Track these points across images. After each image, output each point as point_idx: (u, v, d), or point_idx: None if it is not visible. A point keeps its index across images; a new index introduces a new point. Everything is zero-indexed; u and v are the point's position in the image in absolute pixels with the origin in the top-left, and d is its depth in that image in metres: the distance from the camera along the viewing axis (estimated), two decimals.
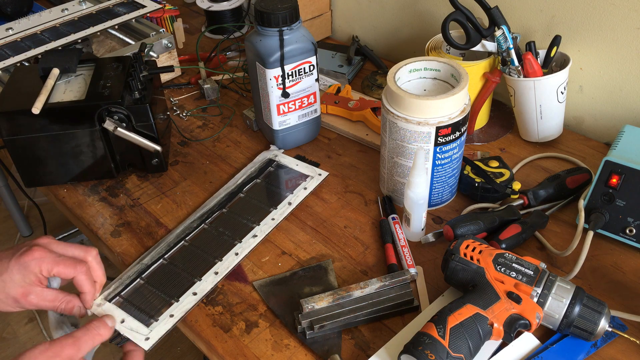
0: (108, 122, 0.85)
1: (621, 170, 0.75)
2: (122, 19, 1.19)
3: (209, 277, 0.76)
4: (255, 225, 0.83)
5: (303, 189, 0.89)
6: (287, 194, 0.88)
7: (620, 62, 0.91)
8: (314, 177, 0.91)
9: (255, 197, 0.88)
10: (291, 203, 0.87)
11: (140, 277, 0.77)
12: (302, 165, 0.94)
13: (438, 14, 1.11)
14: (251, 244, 0.81)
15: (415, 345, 0.60)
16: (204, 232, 0.83)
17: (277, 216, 0.85)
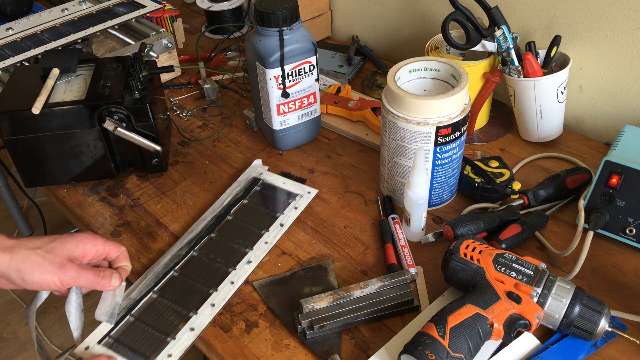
0: (108, 122, 0.85)
1: (621, 170, 0.75)
2: (122, 19, 1.19)
3: (206, 310, 0.71)
4: (249, 250, 0.79)
5: (294, 208, 0.85)
6: (278, 215, 0.84)
7: (620, 62, 0.91)
8: (303, 195, 0.87)
9: (244, 220, 0.84)
10: (283, 224, 0.83)
11: (130, 314, 0.71)
12: (289, 183, 0.90)
13: (438, 14, 1.11)
14: (247, 271, 0.77)
15: (415, 345, 0.60)
16: (194, 260, 0.78)
17: (270, 239, 0.81)
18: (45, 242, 0.63)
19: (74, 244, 0.64)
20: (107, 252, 0.68)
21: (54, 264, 0.62)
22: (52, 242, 0.63)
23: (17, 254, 0.61)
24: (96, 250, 0.66)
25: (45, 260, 0.61)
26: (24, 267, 0.60)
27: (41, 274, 0.61)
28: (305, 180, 0.91)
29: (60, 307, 1.76)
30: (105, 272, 0.66)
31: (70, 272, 0.63)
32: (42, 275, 0.61)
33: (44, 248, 0.62)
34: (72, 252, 0.64)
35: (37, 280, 0.61)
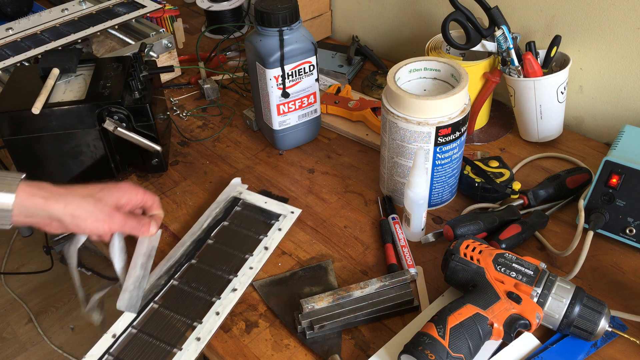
0: (108, 122, 0.85)
1: (621, 170, 0.75)
2: (122, 19, 1.19)
3: (191, 345, 0.67)
4: (233, 277, 0.75)
5: (277, 230, 0.81)
6: (262, 237, 0.80)
7: (620, 62, 0.91)
8: (287, 215, 0.83)
9: (226, 243, 0.79)
10: (268, 247, 0.79)
11: (109, 353, 0.67)
12: (271, 203, 0.86)
13: (438, 14, 1.11)
14: (232, 300, 0.72)
15: (415, 345, 0.60)
16: (175, 290, 0.74)
17: (255, 264, 0.77)
18: (94, 190, 0.68)
19: (120, 193, 0.70)
20: (145, 200, 0.74)
21: (104, 212, 0.67)
22: (100, 190, 0.69)
23: (71, 202, 0.66)
24: (137, 199, 0.73)
25: (96, 209, 0.67)
26: (79, 213, 0.66)
27: (94, 222, 0.67)
28: (287, 199, 0.88)
29: (60, 307, 1.76)
30: (145, 219, 0.73)
31: (117, 220, 0.69)
32: (94, 223, 0.67)
33: (94, 196, 0.67)
34: (118, 201, 0.70)
35: (90, 227, 0.67)
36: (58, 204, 0.65)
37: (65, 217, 0.65)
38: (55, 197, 0.65)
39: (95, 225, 0.67)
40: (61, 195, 0.66)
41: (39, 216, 0.65)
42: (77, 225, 0.67)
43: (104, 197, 0.68)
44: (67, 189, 0.67)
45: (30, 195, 0.64)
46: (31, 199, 0.64)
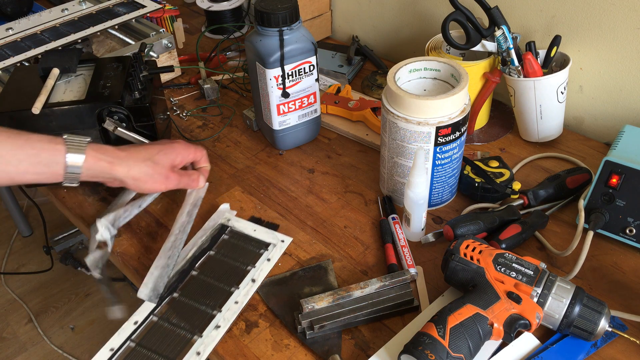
0: (108, 122, 0.85)
1: (621, 170, 0.75)
2: (122, 19, 1.19)
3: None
4: (217, 312, 0.70)
5: (266, 260, 0.78)
6: (249, 269, 0.76)
7: (620, 62, 0.91)
8: (277, 244, 0.80)
9: (211, 275, 0.75)
10: (255, 280, 0.75)
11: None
12: (260, 231, 0.82)
13: (438, 14, 1.11)
14: (215, 338, 0.68)
15: (415, 345, 0.60)
16: (155, 327, 0.69)
17: (240, 297, 0.73)
18: (151, 153, 0.76)
19: (175, 154, 0.78)
20: (195, 157, 0.82)
21: (161, 174, 0.76)
22: (157, 153, 0.76)
23: (133, 166, 0.73)
24: (189, 157, 0.81)
25: (155, 172, 0.75)
26: (139, 176, 0.74)
27: (153, 184, 0.76)
28: (278, 226, 0.84)
29: (60, 307, 1.76)
30: (194, 175, 0.82)
31: (173, 180, 0.78)
32: (153, 185, 0.76)
33: (152, 159, 0.75)
34: (173, 161, 0.78)
35: (149, 188, 0.77)
36: (122, 168, 0.72)
37: (128, 179, 0.74)
38: (119, 161, 0.72)
39: (153, 187, 0.76)
40: (124, 160, 0.73)
41: (104, 177, 0.73)
42: (138, 187, 0.76)
43: (161, 159, 0.76)
44: (129, 153, 0.74)
45: (96, 160, 0.70)
46: (97, 163, 0.71)
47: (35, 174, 0.68)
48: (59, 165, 0.69)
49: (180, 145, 0.80)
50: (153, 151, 0.76)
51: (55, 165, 0.68)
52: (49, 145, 0.68)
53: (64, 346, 1.65)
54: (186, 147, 0.80)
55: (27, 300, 1.78)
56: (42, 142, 0.68)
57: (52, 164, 0.68)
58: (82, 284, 1.83)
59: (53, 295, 1.80)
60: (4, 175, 0.67)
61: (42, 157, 0.68)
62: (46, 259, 1.82)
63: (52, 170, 0.69)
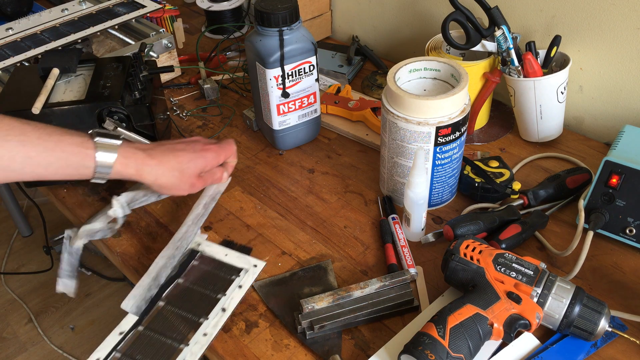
0: (108, 122, 0.85)
1: (621, 170, 0.75)
2: (122, 19, 1.19)
3: None
4: (184, 346, 0.67)
5: (237, 287, 0.74)
6: (220, 297, 0.72)
7: (620, 62, 0.91)
8: (249, 269, 0.76)
9: (179, 304, 0.71)
10: (225, 309, 0.71)
11: None
12: (232, 255, 0.78)
13: (438, 14, 1.11)
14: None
15: (415, 345, 0.60)
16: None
17: (209, 329, 0.69)
18: (182, 162, 0.75)
19: (204, 164, 0.77)
20: (225, 159, 0.81)
21: (187, 183, 0.76)
22: (187, 163, 0.75)
23: (161, 176, 0.73)
24: (218, 163, 0.80)
25: (181, 182, 0.75)
26: (165, 185, 0.74)
27: (177, 191, 0.76)
28: (251, 249, 0.81)
29: (60, 307, 1.76)
30: (217, 173, 0.81)
31: (198, 187, 0.78)
32: (178, 192, 0.76)
33: (180, 170, 0.74)
34: (202, 170, 0.77)
35: (173, 194, 0.77)
36: (149, 177, 0.73)
37: (154, 186, 0.74)
38: (148, 170, 0.72)
39: (177, 193, 0.76)
40: (152, 168, 0.72)
41: (130, 179, 0.73)
42: (162, 192, 0.77)
43: (190, 169, 0.75)
44: (159, 161, 0.73)
45: (124, 167, 0.70)
46: (126, 169, 0.71)
47: (65, 175, 0.68)
48: (88, 170, 0.69)
49: (212, 154, 0.78)
50: (184, 160, 0.75)
51: (84, 169, 0.69)
52: (79, 150, 0.68)
53: (64, 346, 1.65)
54: (217, 155, 0.78)
55: (27, 300, 1.78)
56: (72, 146, 0.67)
57: (81, 168, 0.68)
58: (82, 284, 1.82)
59: (53, 295, 1.80)
60: (33, 175, 0.67)
61: (72, 160, 0.68)
62: (46, 259, 1.82)
63: (81, 172, 0.69)
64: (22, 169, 0.65)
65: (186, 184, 0.75)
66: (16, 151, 0.64)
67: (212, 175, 0.80)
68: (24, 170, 0.65)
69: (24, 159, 0.64)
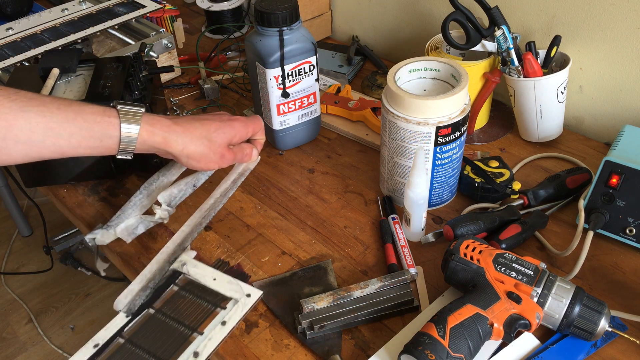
0: None
1: (621, 170, 0.75)
2: (122, 19, 1.19)
3: None
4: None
5: (220, 324, 0.61)
6: (196, 335, 0.60)
7: (620, 62, 0.91)
8: (239, 300, 0.65)
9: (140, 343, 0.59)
10: (198, 354, 0.59)
11: None
12: (221, 280, 0.67)
13: (438, 14, 1.11)
14: None
15: (415, 345, 0.60)
16: None
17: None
18: (209, 130, 0.71)
19: (232, 133, 0.74)
20: (253, 133, 0.78)
21: (217, 154, 0.72)
22: (215, 131, 0.72)
23: (188, 144, 0.69)
24: (248, 135, 0.77)
25: (210, 151, 0.71)
26: (194, 155, 0.71)
27: (207, 163, 0.72)
28: (248, 277, 0.73)
29: (60, 307, 1.76)
30: (248, 149, 0.78)
31: (227, 159, 0.74)
32: (207, 164, 0.73)
33: (208, 138, 0.71)
34: (230, 140, 0.74)
35: (202, 167, 0.73)
36: (176, 145, 0.69)
37: (181, 156, 0.70)
38: (175, 137, 0.69)
39: (207, 165, 0.73)
40: (180, 135, 0.69)
41: (158, 150, 0.70)
42: (190, 164, 0.72)
43: (218, 138, 0.72)
44: (185, 128, 0.70)
45: (151, 134, 0.67)
46: (152, 138, 0.67)
47: (88, 147, 0.65)
48: (113, 140, 0.65)
49: (240, 124, 0.75)
50: (211, 128, 0.72)
51: (108, 139, 0.65)
52: (102, 118, 0.65)
53: (64, 346, 1.65)
54: (245, 125, 0.76)
55: (27, 300, 1.78)
56: (94, 115, 0.64)
57: (105, 138, 0.65)
58: (82, 284, 1.83)
59: (53, 295, 1.80)
60: (55, 148, 0.63)
61: (95, 130, 0.64)
62: (46, 259, 1.82)
63: (105, 144, 0.66)
64: (43, 142, 0.62)
65: (216, 154, 0.72)
66: (36, 122, 0.61)
67: (241, 150, 0.77)
68: (45, 143, 0.62)
69: (45, 130, 0.61)
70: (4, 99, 0.60)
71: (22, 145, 0.61)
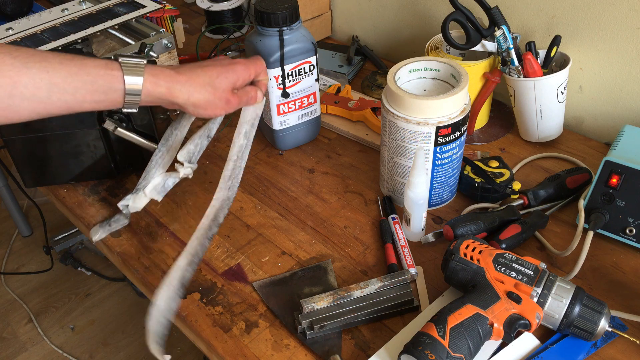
0: (108, 122, 0.85)
1: (621, 170, 0.75)
2: (122, 19, 1.18)
3: None
4: None
5: None
6: None
7: (620, 62, 0.91)
8: None
9: None
10: None
11: None
12: None
13: (438, 14, 1.11)
14: None
15: (415, 345, 0.60)
16: None
17: None
18: (212, 76, 0.71)
19: (235, 76, 0.73)
20: (256, 74, 0.77)
21: (222, 99, 0.72)
22: (217, 77, 0.71)
23: (193, 93, 0.69)
24: (251, 77, 0.76)
25: (215, 97, 0.71)
26: (200, 103, 0.70)
27: (214, 110, 0.72)
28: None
29: (60, 307, 1.76)
30: (252, 91, 0.76)
31: (233, 104, 0.73)
32: (214, 111, 0.72)
33: (212, 85, 0.70)
34: (234, 84, 0.73)
35: (209, 114, 0.73)
36: (181, 94, 0.69)
37: (187, 106, 0.70)
38: (179, 87, 0.68)
39: (214, 112, 0.73)
40: (184, 85, 0.69)
41: (162, 102, 0.70)
42: (198, 113, 0.72)
43: (221, 83, 0.71)
44: (188, 77, 0.69)
45: (155, 86, 0.67)
46: (156, 89, 0.67)
47: (94, 102, 0.65)
48: (117, 93, 0.66)
49: (241, 67, 0.74)
50: (213, 74, 0.71)
51: (113, 92, 0.65)
52: (105, 72, 0.65)
53: (64, 346, 1.65)
54: (246, 67, 0.75)
55: (27, 300, 1.78)
56: (97, 68, 0.64)
57: (110, 92, 0.65)
58: (82, 284, 1.83)
59: (53, 295, 1.80)
60: (61, 104, 0.63)
61: (99, 84, 0.64)
62: (46, 259, 1.82)
63: (111, 97, 0.66)
64: (49, 98, 0.62)
65: (221, 99, 0.72)
66: (39, 78, 0.61)
67: (246, 93, 0.75)
68: (51, 99, 0.62)
69: (49, 85, 0.61)
70: (6, 56, 0.60)
71: (28, 102, 0.61)
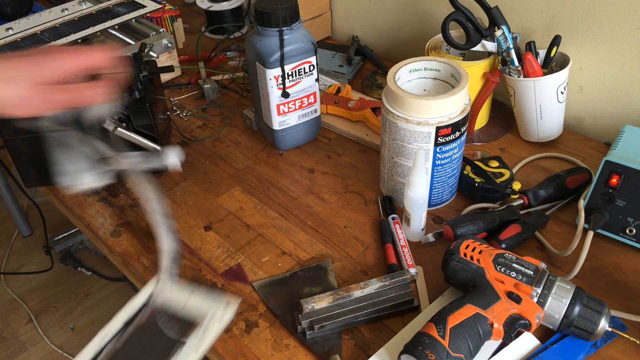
0: (108, 122, 0.85)
1: (621, 170, 0.75)
2: (122, 19, 1.19)
3: None
4: None
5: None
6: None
7: (620, 62, 0.91)
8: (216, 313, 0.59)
9: None
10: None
11: None
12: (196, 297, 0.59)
13: (438, 14, 1.11)
14: None
15: (415, 345, 0.60)
16: None
17: None
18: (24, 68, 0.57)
19: (55, 67, 0.58)
20: (93, 63, 0.60)
21: (39, 95, 0.58)
22: (32, 65, 0.57)
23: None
24: (79, 65, 0.60)
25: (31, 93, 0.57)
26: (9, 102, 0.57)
27: (25, 108, 0.58)
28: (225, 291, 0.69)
29: (60, 307, 1.76)
30: (86, 89, 0.60)
31: (58, 102, 0.59)
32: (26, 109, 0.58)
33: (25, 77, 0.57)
34: (57, 76, 0.59)
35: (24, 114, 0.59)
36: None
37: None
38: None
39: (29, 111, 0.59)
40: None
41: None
42: (10, 113, 0.58)
43: (35, 75, 0.58)
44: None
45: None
46: None
47: None
48: None
49: (66, 55, 0.59)
50: (27, 64, 0.58)
51: None
52: None
53: (64, 346, 1.65)
54: (74, 55, 0.59)
55: (27, 300, 1.78)
56: None
57: None
58: (82, 284, 1.82)
59: (53, 295, 1.80)
60: None
61: None
62: (46, 259, 1.82)
63: None
64: None
65: (38, 96, 0.57)
66: None
67: (78, 89, 0.59)
68: None
69: None
70: None
71: None
